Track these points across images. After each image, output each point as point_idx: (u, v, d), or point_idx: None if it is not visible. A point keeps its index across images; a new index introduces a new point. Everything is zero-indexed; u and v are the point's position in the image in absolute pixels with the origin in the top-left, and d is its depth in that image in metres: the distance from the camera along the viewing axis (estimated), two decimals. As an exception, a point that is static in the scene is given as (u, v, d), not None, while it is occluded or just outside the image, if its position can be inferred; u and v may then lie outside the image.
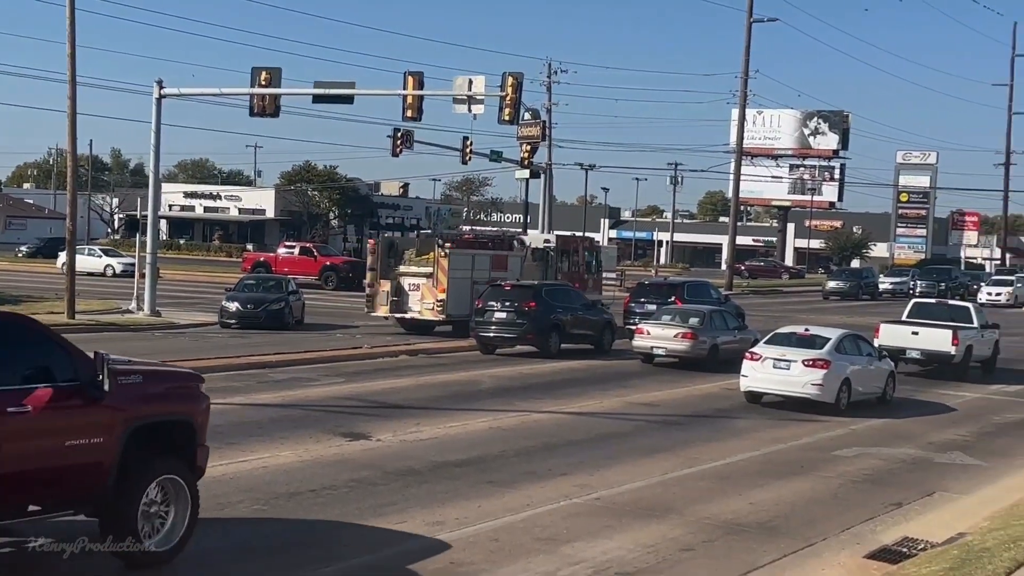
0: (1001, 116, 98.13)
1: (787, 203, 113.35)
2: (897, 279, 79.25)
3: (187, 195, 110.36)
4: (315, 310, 42.41)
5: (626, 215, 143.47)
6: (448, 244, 37.46)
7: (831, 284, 73.59)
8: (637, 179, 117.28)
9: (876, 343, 29.22)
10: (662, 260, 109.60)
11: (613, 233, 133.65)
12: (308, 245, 66.87)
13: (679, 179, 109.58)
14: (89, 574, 10.71)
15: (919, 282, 76.26)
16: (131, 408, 10.66)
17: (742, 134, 73.60)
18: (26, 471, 9.84)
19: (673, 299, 37.38)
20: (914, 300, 37.14)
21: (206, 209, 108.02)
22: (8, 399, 9.59)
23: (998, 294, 71.00)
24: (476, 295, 34.77)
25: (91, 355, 10.38)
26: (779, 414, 23.54)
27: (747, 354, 24.98)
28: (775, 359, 24.19)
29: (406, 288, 37.06)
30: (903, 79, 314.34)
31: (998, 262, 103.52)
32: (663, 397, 25.14)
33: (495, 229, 58.53)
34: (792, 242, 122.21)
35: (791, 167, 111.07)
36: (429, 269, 36.55)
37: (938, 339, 30.73)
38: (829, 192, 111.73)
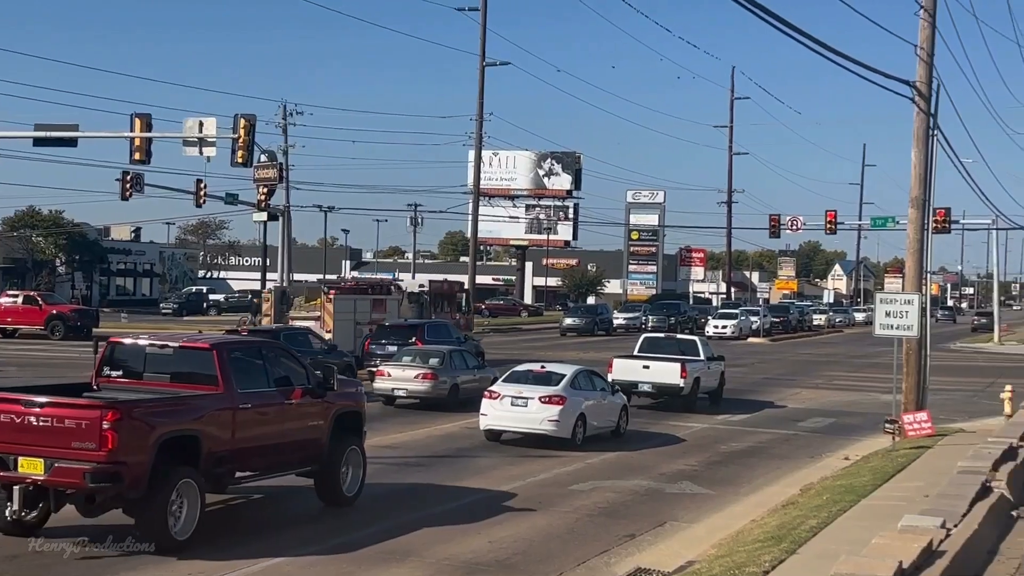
0: (723, 156, 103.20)
1: (525, 242, 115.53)
2: (630, 314, 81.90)
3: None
4: (36, 361, 40.45)
5: (368, 256, 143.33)
6: (332, 291, 42.64)
7: (568, 321, 75.32)
8: (378, 220, 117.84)
9: (610, 378, 30.05)
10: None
11: (355, 274, 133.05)
12: (32, 294, 63.61)
13: (419, 220, 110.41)
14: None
15: (650, 317, 79.14)
16: (337, 402, 16.87)
17: (479, 175, 74.72)
18: (295, 441, 15.99)
19: (414, 340, 37.43)
20: (645, 335, 38.42)
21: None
22: (284, 395, 15.84)
23: (724, 327, 74.46)
24: (359, 334, 40.88)
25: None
26: (518, 451, 23.82)
27: (486, 392, 25.23)
28: (513, 396, 24.51)
29: None
30: (632, 122, 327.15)
31: (724, 296, 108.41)
32: (404, 439, 25.08)
33: (374, 276, 64.81)
34: (531, 280, 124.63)
35: (527, 207, 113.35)
36: (317, 313, 41.75)
37: (667, 372, 31.85)
38: (564, 231, 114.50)
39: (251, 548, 14.18)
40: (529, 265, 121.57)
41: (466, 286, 63.04)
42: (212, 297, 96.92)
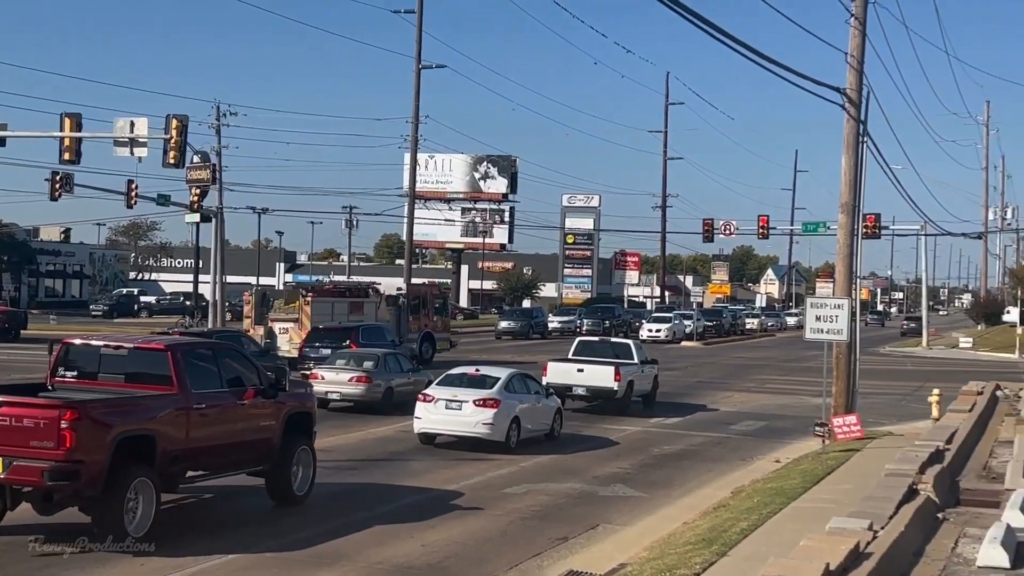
0: (658, 161, 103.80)
1: (460, 245, 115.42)
2: (565, 318, 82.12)
3: None
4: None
5: (302, 258, 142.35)
6: (310, 294, 44.98)
7: (503, 324, 75.41)
8: (313, 222, 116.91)
9: (544, 381, 30.14)
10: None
11: (289, 277, 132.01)
12: (-42, 295, 62.49)
13: (355, 222, 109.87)
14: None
15: (585, 320, 79.34)
16: (289, 403, 17.20)
17: (414, 178, 74.53)
18: (247, 440, 16.26)
19: (348, 343, 37.29)
20: (579, 338, 38.55)
21: None
22: (236, 396, 16.10)
23: (658, 330, 74.91)
24: None
25: (270, 372, 17.06)
26: (452, 454, 23.82)
27: (420, 396, 25.20)
28: (447, 400, 24.51)
29: (276, 332, 43.86)
30: (568, 126, 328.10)
31: (658, 300, 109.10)
32: (337, 442, 24.92)
33: (352, 279, 65.63)
34: (466, 283, 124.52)
35: (463, 210, 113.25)
36: (296, 315, 43.67)
37: (601, 375, 31.98)
38: (500, 234, 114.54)
39: (201, 546, 14.16)
40: (465, 268, 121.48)
41: (444, 289, 63.77)
42: (143, 299, 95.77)
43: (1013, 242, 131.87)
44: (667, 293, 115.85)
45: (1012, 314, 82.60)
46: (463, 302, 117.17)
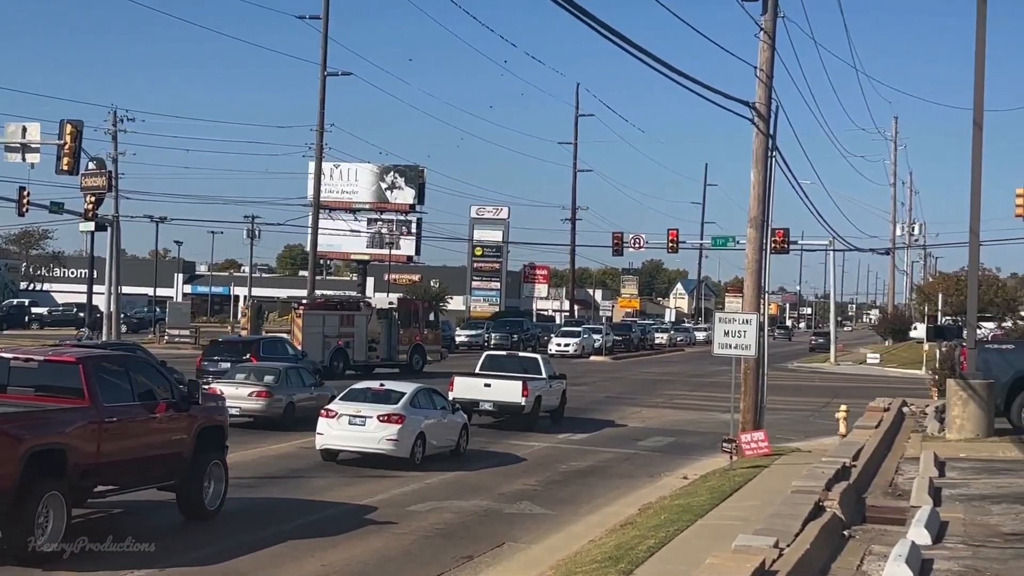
0: (567, 173, 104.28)
1: (366, 257, 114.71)
2: (473, 332, 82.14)
3: None
4: None
5: (202, 269, 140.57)
6: (301, 307, 48.47)
7: (409, 338, 74.99)
8: (213, 232, 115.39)
9: (450, 396, 30.09)
10: (240, 316, 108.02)
11: (188, 288, 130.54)
12: None
13: (257, 232, 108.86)
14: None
15: (493, 334, 79.44)
16: (201, 416, 17.22)
17: (319, 187, 74.13)
18: (159, 454, 16.26)
19: (248, 357, 36.94)
20: (487, 352, 38.57)
21: None
22: (148, 409, 16.02)
23: (567, 345, 75.27)
24: (327, 347, 46.59)
25: (183, 383, 17.35)
26: (355, 471, 23.68)
27: (323, 411, 25.03)
28: (351, 415, 24.36)
29: None
30: (477, 136, 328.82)
31: (567, 314, 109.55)
32: (236, 459, 24.38)
33: (345, 294, 70.42)
34: (372, 296, 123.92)
35: (369, 221, 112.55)
36: (288, 327, 47.40)
37: (509, 390, 32.02)
38: (407, 246, 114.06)
39: (111, 562, 13.90)
40: (371, 280, 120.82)
41: (434, 304, 70.01)
42: (35, 310, 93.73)
43: (920, 258, 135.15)
44: (576, 307, 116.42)
45: (919, 330, 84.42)
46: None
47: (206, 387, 32.47)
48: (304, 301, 51.92)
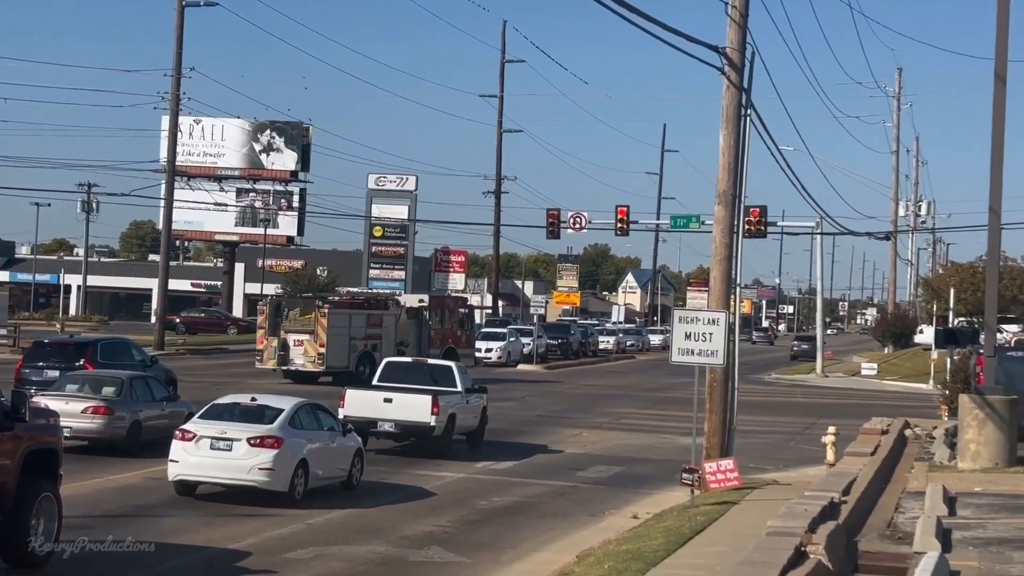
0: (491, 134, 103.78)
1: (235, 237, 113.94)
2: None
3: None
4: None
5: (23, 251, 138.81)
6: (326, 306, 52.86)
7: (289, 340, 74.72)
8: (38, 204, 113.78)
9: (341, 414, 29.99)
10: (72, 311, 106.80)
11: (5, 275, 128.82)
12: None
13: (94, 205, 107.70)
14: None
15: (396, 336, 79.22)
16: (28, 437, 17.16)
17: (174, 148, 73.48)
18: None
19: (82, 363, 36.56)
20: (387, 360, 38.45)
21: None
22: None
23: (488, 350, 75.15)
24: (354, 349, 52.05)
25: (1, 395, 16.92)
26: (219, 508, 23.55)
27: (178, 432, 24.82)
28: (213, 438, 24.18)
29: (291, 344, 52.15)
30: (377, 87, 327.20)
31: (489, 311, 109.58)
32: (67, 492, 24.03)
33: (372, 291, 75.65)
34: (242, 287, 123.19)
35: (239, 192, 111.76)
36: (311, 327, 51.59)
37: (415, 407, 31.91)
38: (287, 224, 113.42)
39: None
40: (240, 267, 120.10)
41: (467, 301, 75.00)
42: None
43: (928, 244, 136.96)
44: (501, 303, 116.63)
45: (926, 334, 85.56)
46: (237, 311, 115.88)
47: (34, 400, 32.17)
48: (332, 298, 57.67)
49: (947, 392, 39.01)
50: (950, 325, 69.02)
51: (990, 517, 20.19)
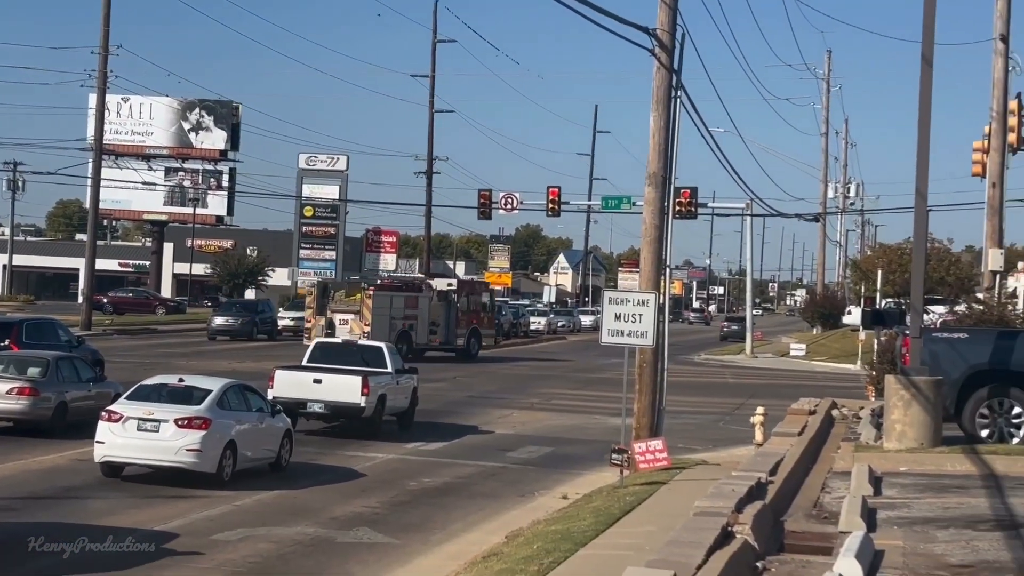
0: (422, 114, 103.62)
1: (164, 217, 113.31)
2: (300, 313, 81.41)
3: None
4: None
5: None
6: (372, 288, 59.37)
7: (218, 321, 74.47)
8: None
9: (270, 395, 29.97)
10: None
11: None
12: None
13: (20, 184, 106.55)
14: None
15: (327, 317, 79.12)
16: None
17: (102, 126, 72.87)
18: None
19: (7, 343, 36.30)
20: (317, 340, 38.38)
21: None
22: None
23: (419, 330, 75.26)
24: (394, 328, 57.69)
25: None
26: (147, 490, 23.48)
27: (104, 413, 24.68)
28: (140, 419, 24.07)
29: (336, 323, 57.65)
30: (307, 65, 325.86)
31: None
32: (-10, 475, 24.25)
33: (407, 275, 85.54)
34: (171, 267, 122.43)
35: (168, 171, 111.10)
36: (356, 307, 57.59)
37: (345, 388, 31.94)
38: (216, 204, 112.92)
39: None
40: (169, 247, 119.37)
41: (490, 285, 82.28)
42: None
43: (857, 226, 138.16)
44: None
45: (853, 315, 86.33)
46: (166, 291, 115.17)
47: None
48: (378, 281, 65.02)
49: (874, 373, 39.29)
50: (878, 306, 69.66)
51: (915, 497, 20.38)
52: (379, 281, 65.20)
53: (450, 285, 65.30)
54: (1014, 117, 38.73)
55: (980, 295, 39.35)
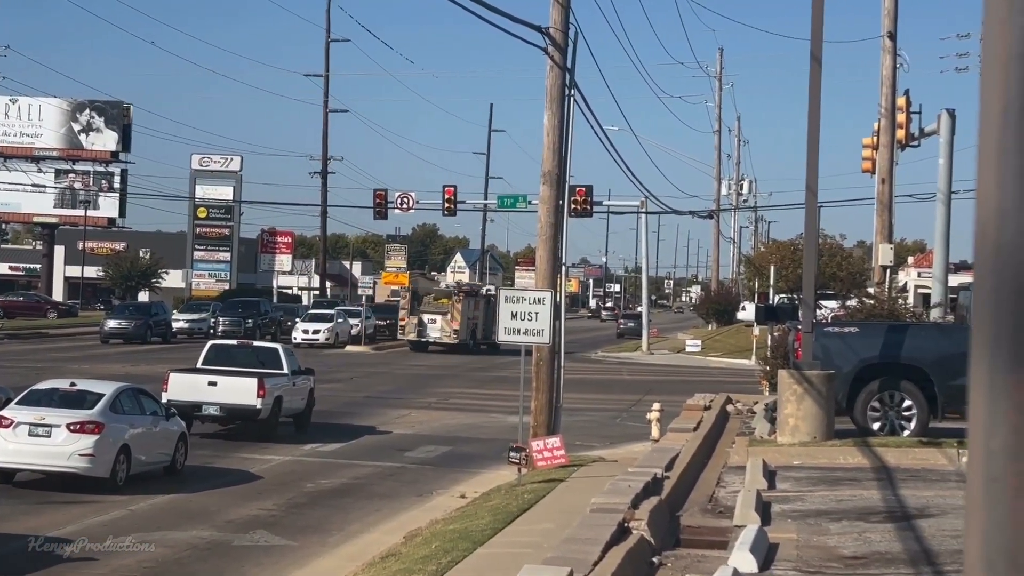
0: (317, 114, 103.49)
1: (54, 219, 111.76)
2: (195, 316, 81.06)
3: None
4: None
5: None
6: (460, 294, 73.84)
7: (111, 324, 73.76)
8: None
9: (164, 398, 29.72)
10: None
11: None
12: None
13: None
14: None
15: (222, 319, 78.71)
16: None
17: (-9, 128, 71.82)
18: None
19: None
20: (212, 342, 38.14)
21: None
22: None
23: (316, 332, 75.03)
24: (468, 327, 72.65)
25: None
26: (38, 496, 23.26)
27: (-6, 419, 24.37)
28: (32, 424, 23.81)
29: (426, 321, 72.59)
30: (199, 65, 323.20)
31: (317, 293, 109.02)
32: None
33: (470, 283, 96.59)
34: (62, 270, 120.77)
35: (58, 173, 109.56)
36: (446, 309, 72.30)
37: (241, 390, 31.76)
38: (108, 206, 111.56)
39: None
40: (60, 250, 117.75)
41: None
42: None
43: (750, 223, 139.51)
44: (329, 284, 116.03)
45: (747, 311, 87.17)
46: (57, 294, 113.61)
47: None
48: (463, 289, 77.33)
49: (767, 368, 39.72)
50: (771, 302, 70.41)
51: (808, 490, 20.63)
52: (461, 291, 76.93)
53: (488, 291, 76.35)
54: (902, 114, 39.23)
55: (871, 290, 39.90)
